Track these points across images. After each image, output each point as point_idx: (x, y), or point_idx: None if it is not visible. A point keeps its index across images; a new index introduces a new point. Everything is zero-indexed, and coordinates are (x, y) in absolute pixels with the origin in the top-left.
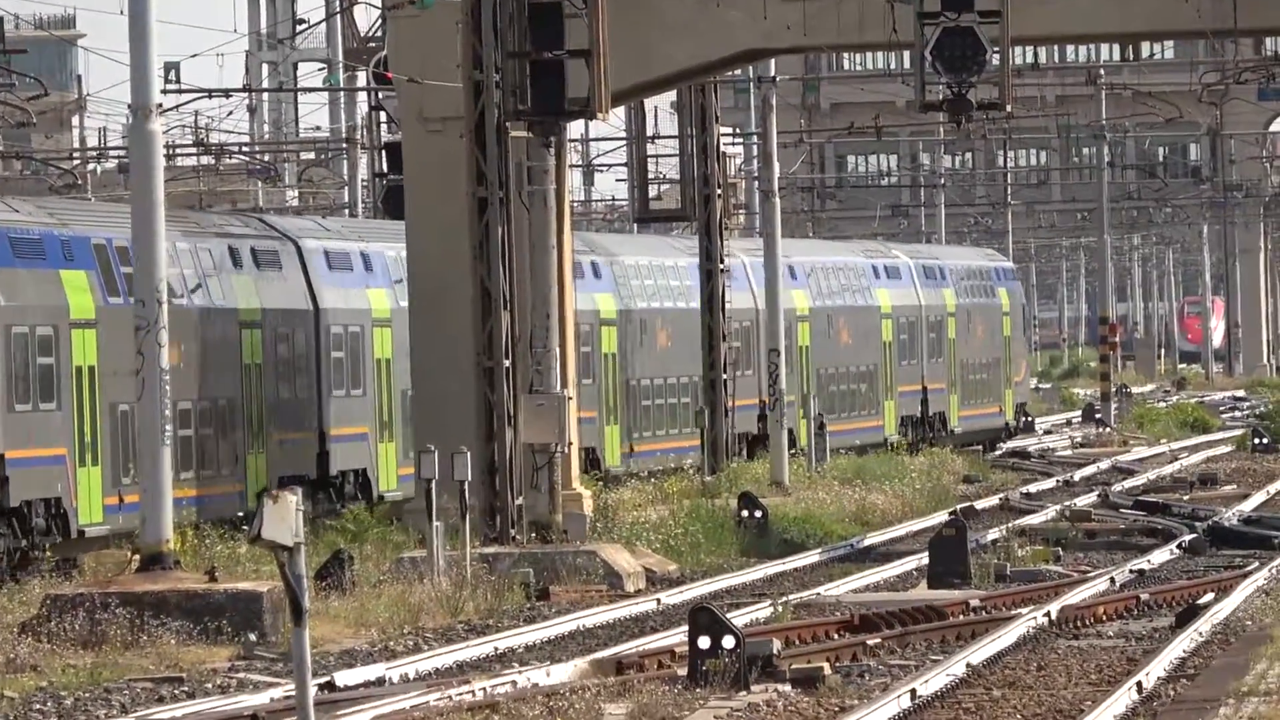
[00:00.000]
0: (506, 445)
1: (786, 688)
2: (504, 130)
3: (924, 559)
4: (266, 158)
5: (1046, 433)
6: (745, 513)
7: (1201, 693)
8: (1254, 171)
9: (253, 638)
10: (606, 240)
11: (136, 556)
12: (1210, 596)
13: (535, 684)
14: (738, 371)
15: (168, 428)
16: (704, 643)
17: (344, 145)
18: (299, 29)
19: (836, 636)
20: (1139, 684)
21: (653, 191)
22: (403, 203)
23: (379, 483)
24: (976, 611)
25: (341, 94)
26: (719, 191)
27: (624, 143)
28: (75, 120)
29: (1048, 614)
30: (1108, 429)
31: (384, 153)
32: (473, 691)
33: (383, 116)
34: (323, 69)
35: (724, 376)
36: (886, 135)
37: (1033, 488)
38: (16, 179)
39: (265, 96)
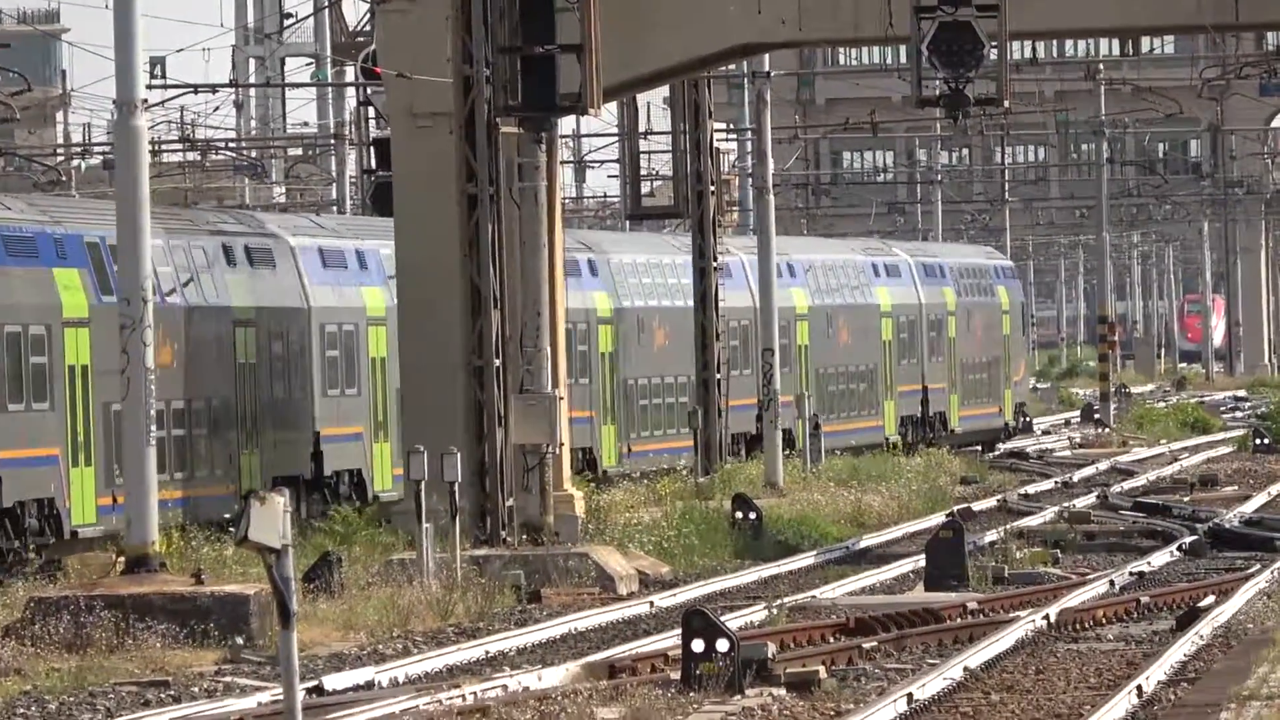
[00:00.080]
0: (497, 446)
1: (781, 692)
2: (494, 126)
3: (921, 561)
4: (253, 154)
5: (1045, 433)
6: (739, 514)
7: (1202, 696)
8: (1255, 168)
9: (240, 641)
10: (602, 238)
11: (121, 558)
12: (1211, 599)
13: (526, 688)
14: (734, 371)
15: (152, 428)
16: (698, 646)
17: (332, 141)
18: (286, 24)
19: (832, 640)
20: (1139, 688)
21: (645, 188)
22: (391, 200)
23: (374, 483)
24: (974, 614)
25: (329, 89)
26: (712, 188)
27: (616, 138)
28: (59, 116)
29: (1046, 617)
30: (1107, 429)
31: (372, 149)
32: (463, 695)
33: (371, 112)
34: (310, 64)
35: (718, 376)
36: (882, 131)
37: (1031, 489)
38: (0, 175)
39: (252, 92)
